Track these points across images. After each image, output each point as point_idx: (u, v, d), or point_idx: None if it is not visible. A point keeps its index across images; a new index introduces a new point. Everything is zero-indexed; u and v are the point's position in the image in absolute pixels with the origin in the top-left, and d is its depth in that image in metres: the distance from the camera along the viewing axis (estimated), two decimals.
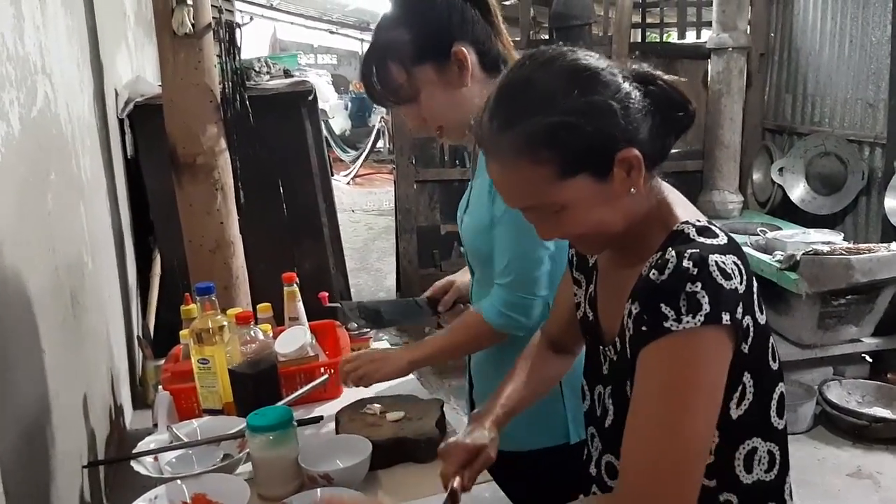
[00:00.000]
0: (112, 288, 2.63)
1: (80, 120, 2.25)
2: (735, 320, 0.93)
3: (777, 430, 1.06)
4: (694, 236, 0.99)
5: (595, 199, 1.00)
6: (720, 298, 0.92)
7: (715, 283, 0.92)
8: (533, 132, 0.97)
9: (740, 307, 0.94)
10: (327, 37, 17.32)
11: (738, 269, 0.96)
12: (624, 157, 0.98)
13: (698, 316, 0.91)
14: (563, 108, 0.97)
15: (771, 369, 1.03)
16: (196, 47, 2.49)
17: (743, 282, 0.95)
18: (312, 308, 2.07)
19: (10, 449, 1.19)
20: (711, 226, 1.02)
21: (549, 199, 1.00)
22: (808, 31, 4.91)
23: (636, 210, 1.03)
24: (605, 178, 0.99)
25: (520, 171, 1.00)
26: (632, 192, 1.00)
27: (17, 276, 1.37)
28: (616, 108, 0.97)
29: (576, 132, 0.96)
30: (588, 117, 0.97)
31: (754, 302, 0.99)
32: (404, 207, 5.30)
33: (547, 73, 1.00)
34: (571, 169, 0.98)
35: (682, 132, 1.06)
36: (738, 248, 1.00)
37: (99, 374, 2.14)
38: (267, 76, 3.43)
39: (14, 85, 1.49)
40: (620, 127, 0.98)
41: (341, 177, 11.32)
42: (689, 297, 0.92)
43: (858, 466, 3.30)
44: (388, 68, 1.45)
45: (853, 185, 4.46)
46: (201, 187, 2.58)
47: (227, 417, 1.68)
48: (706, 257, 0.93)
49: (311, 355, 1.90)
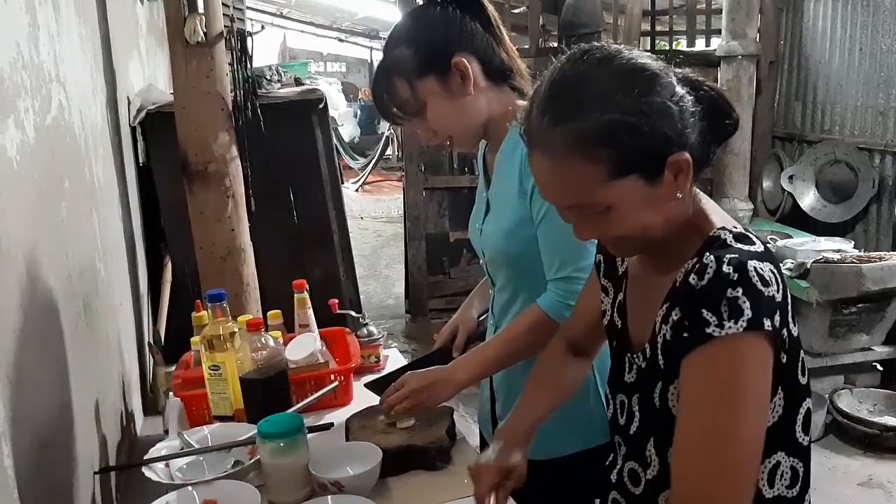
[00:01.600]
0: (124, 295, 2.64)
1: (93, 128, 2.26)
2: (775, 327, 0.92)
3: (802, 445, 1.04)
4: (731, 242, 0.98)
5: (642, 201, 0.99)
6: (761, 304, 0.91)
7: (755, 288, 0.91)
8: (590, 129, 0.96)
9: (778, 315, 0.93)
10: (336, 45, 17.38)
11: (776, 277, 0.95)
12: (675, 160, 0.97)
13: (740, 321, 0.90)
14: (623, 108, 0.95)
15: (800, 383, 1.02)
16: (208, 55, 2.50)
17: (780, 290, 0.95)
18: (322, 315, 2.08)
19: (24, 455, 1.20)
20: (748, 233, 1.01)
21: (596, 198, 0.99)
22: (817, 38, 4.90)
23: (678, 215, 1.02)
24: (655, 180, 0.98)
25: (570, 167, 0.98)
26: (678, 196, 0.99)
27: (32, 283, 1.38)
28: (674, 109, 0.97)
29: (634, 132, 0.95)
30: (647, 117, 0.95)
31: (789, 313, 0.97)
32: (413, 215, 5.31)
33: (605, 70, 0.98)
34: (624, 169, 0.96)
35: (725, 139, 1.05)
36: (773, 256, 0.99)
37: (111, 381, 2.15)
38: (278, 84, 3.45)
39: (29, 93, 1.50)
40: (676, 129, 0.97)
41: (350, 184, 11.34)
42: (730, 303, 0.91)
43: (870, 476, 3.28)
44: (394, 84, 1.50)
45: (864, 193, 4.45)
46: (213, 194, 2.60)
47: (237, 424, 1.68)
48: (745, 262, 0.92)
49: (322, 362, 1.90)
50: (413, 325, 5.36)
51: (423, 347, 4.72)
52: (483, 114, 1.52)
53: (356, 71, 18.72)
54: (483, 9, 1.52)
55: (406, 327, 5.43)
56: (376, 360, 2.10)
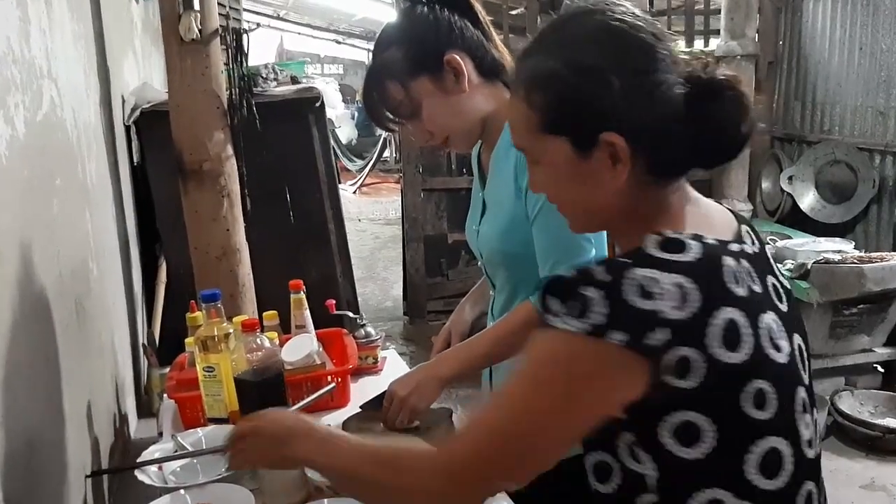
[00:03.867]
0: (117, 295, 2.61)
1: (86, 125, 2.23)
2: (643, 344, 0.82)
3: (759, 489, 0.89)
4: (649, 248, 0.89)
5: (569, 170, 0.95)
6: (621, 315, 0.82)
7: (621, 297, 0.83)
8: (534, 71, 0.95)
9: (661, 333, 0.82)
10: (334, 46, 17.37)
11: (683, 292, 0.84)
12: (609, 140, 0.91)
13: (584, 322, 0.83)
14: (567, 59, 0.92)
15: (748, 417, 0.88)
16: (203, 53, 2.48)
17: (686, 308, 0.83)
18: (319, 316, 2.05)
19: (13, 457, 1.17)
20: (690, 240, 0.89)
21: (528, 145, 0.98)
22: (816, 38, 4.89)
23: (608, 204, 0.96)
24: (585, 154, 0.93)
25: (516, 105, 0.98)
26: (609, 184, 0.93)
27: (22, 282, 1.35)
28: (615, 84, 0.90)
29: (566, 87, 0.92)
30: (581, 78, 0.91)
31: (709, 335, 0.85)
32: (411, 216, 5.28)
33: (584, 20, 0.95)
34: (554, 125, 0.94)
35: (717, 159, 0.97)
36: (708, 271, 0.87)
37: (103, 383, 2.12)
38: (274, 83, 3.42)
39: (19, 88, 1.47)
40: (615, 107, 0.90)
41: (348, 186, 11.33)
42: (580, 299, 0.84)
43: (872, 478, 3.26)
44: (386, 88, 1.48)
45: (864, 193, 4.43)
46: (207, 194, 2.57)
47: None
48: (628, 268, 0.85)
49: (318, 364, 1.88)
50: (411, 328, 5.34)
51: (422, 349, 4.70)
52: (479, 111, 1.50)
53: (353, 73, 18.71)
54: (470, 6, 1.51)
55: (404, 329, 5.41)
56: (374, 362, 2.08)
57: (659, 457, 0.89)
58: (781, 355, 0.91)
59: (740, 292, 0.88)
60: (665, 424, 0.87)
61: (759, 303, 0.91)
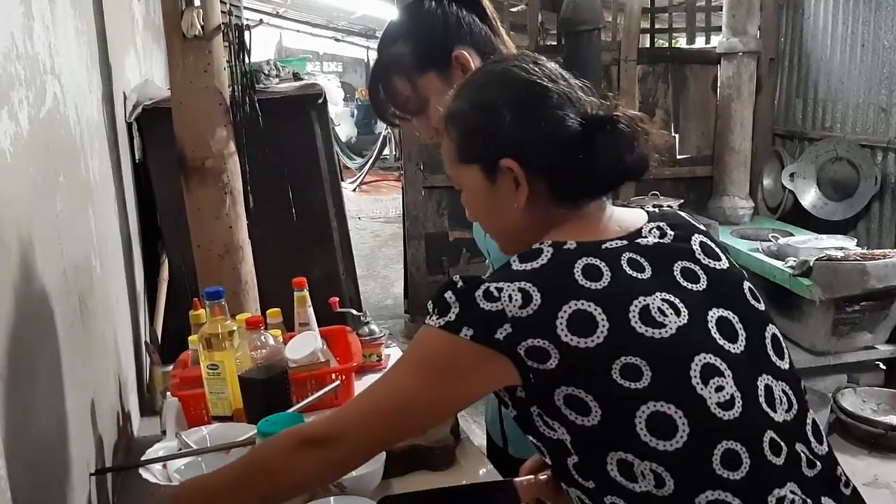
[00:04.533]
0: (120, 292, 2.60)
1: (88, 122, 2.22)
2: (490, 338, 0.99)
3: (657, 450, 0.98)
4: (512, 261, 1.06)
5: (481, 194, 1.13)
6: (467, 315, 1.00)
7: (471, 300, 1.01)
8: (450, 111, 1.15)
9: (505, 329, 0.99)
10: (333, 44, 17.35)
11: (525, 295, 1.00)
12: (506, 165, 1.08)
13: (442, 319, 1.02)
14: (470, 99, 1.13)
15: (623, 388, 0.98)
16: (205, 49, 2.46)
17: (529, 307, 0.99)
18: (322, 314, 2.05)
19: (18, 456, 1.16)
20: (547, 248, 1.06)
21: (454, 174, 1.17)
22: (818, 35, 4.88)
23: (514, 224, 1.12)
24: (492, 178, 1.10)
25: (445, 141, 1.16)
26: (514, 205, 1.10)
27: (28, 279, 1.34)
28: (507, 116, 1.08)
29: (469, 121, 1.12)
30: (481, 113, 1.11)
31: (558, 326, 0.99)
32: (412, 214, 5.27)
33: (489, 67, 1.20)
34: (466, 155, 1.13)
35: (605, 185, 1.12)
36: (554, 274, 1.03)
37: (107, 381, 2.11)
38: (276, 79, 3.40)
39: (23, 84, 1.46)
40: (510, 138, 1.08)
41: (348, 184, 11.31)
42: (442, 303, 1.02)
43: (875, 476, 3.26)
44: (393, 83, 1.47)
45: (866, 190, 4.43)
46: (210, 191, 2.55)
47: (236, 424, 1.65)
48: (478, 279, 1.03)
49: (323, 361, 1.87)
50: (412, 325, 5.33)
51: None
52: None
53: (353, 70, 18.69)
54: (478, 1, 1.50)
55: (405, 327, 5.40)
56: (378, 359, 2.07)
57: (564, 423, 1.01)
58: (665, 330, 1.00)
59: (596, 286, 1.01)
60: (557, 397, 1.00)
61: (639, 288, 1.03)
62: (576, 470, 1.03)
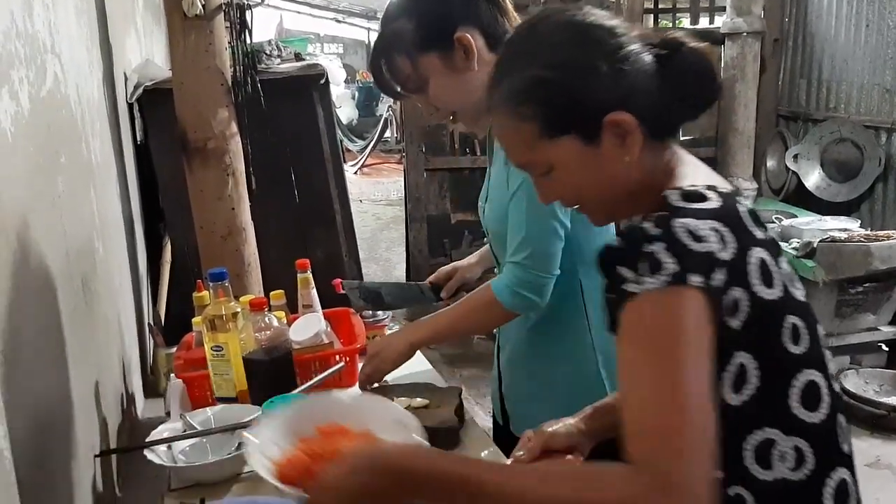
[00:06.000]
0: (123, 274, 2.60)
1: (89, 102, 2.21)
2: (710, 286, 0.85)
3: (804, 423, 0.92)
4: (675, 201, 0.92)
5: (583, 163, 0.97)
6: (686, 259, 0.85)
7: (679, 242, 0.85)
8: (515, 86, 0.97)
9: (720, 273, 0.86)
10: (334, 26, 17.24)
11: (720, 235, 0.87)
12: (613, 120, 0.94)
13: (659, 275, 0.84)
14: (544, 62, 0.96)
15: (788, 352, 0.92)
16: (206, 29, 2.44)
17: (728, 249, 0.87)
18: (325, 296, 2.04)
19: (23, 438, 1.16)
20: (707, 191, 0.94)
21: (536, 157, 0.99)
22: (823, 15, 4.84)
23: (629, 179, 0.98)
24: (594, 141, 0.96)
25: (509, 125, 0.99)
26: (626, 160, 0.95)
27: (29, 260, 1.34)
28: (603, 67, 0.94)
29: (554, 88, 0.95)
30: (569, 73, 0.95)
31: (750, 273, 0.89)
32: (414, 196, 5.25)
33: (544, 26, 1.00)
34: (555, 128, 0.96)
35: (698, 106, 1.01)
36: (732, 215, 0.92)
37: (111, 363, 2.11)
38: (278, 59, 3.38)
39: (23, 63, 1.45)
40: (609, 88, 0.94)
41: (349, 167, 11.26)
42: (647, 257, 0.86)
43: (877, 456, 3.26)
44: (394, 61, 1.45)
45: (869, 171, 4.40)
46: (212, 172, 2.54)
47: (241, 406, 1.64)
48: (671, 218, 0.88)
49: (326, 343, 1.86)
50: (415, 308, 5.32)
51: None
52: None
53: (353, 52, 18.58)
54: None
55: (408, 311, 5.39)
56: None
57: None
58: (800, 293, 0.95)
59: (760, 234, 0.93)
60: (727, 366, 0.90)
61: (774, 245, 0.96)
62: None
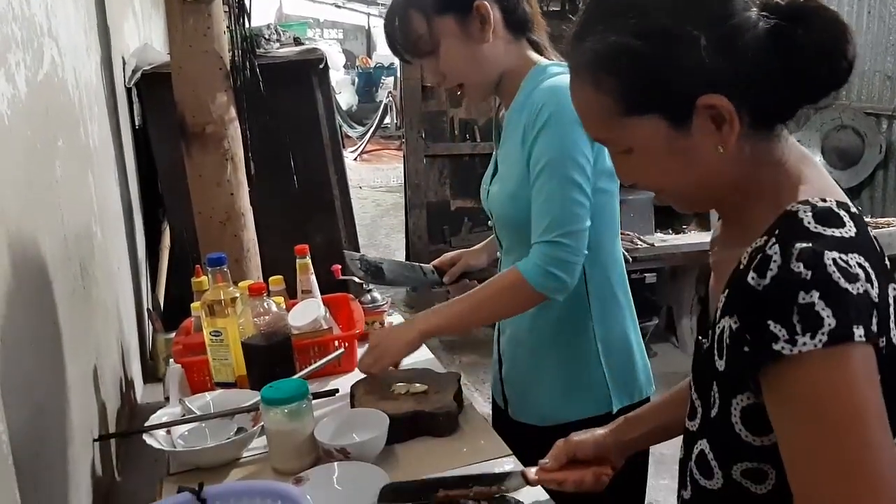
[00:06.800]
0: (121, 259, 2.59)
1: (87, 86, 2.20)
2: (871, 334, 0.73)
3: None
4: (809, 224, 0.77)
5: (667, 149, 0.84)
6: (846, 309, 0.71)
7: (836, 287, 0.72)
8: (597, 52, 0.83)
9: (875, 317, 0.73)
10: (334, 11, 17.18)
11: (867, 273, 0.74)
12: (708, 103, 0.80)
13: (819, 335, 0.71)
14: (634, 29, 0.81)
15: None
16: (205, 13, 2.42)
17: (874, 289, 0.74)
18: (324, 281, 2.03)
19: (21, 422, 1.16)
20: (839, 210, 0.79)
21: (614, 135, 0.87)
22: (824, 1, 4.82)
23: (723, 173, 0.85)
24: (684, 126, 0.82)
25: (586, 94, 0.86)
26: (719, 150, 0.82)
27: (27, 244, 1.33)
28: (704, 40, 0.79)
29: (641, 62, 0.81)
30: (662, 46, 0.80)
31: (893, 317, 0.76)
32: (414, 183, 5.24)
33: None
34: (638, 105, 0.83)
35: (823, 90, 0.84)
36: (868, 243, 0.78)
37: (109, 347, 2.11)
38: (277, 44, 3.36)
39: (20, 46, 1.44)
40: (708, 66, 0.79)
41: (348, 153, 11.25)
42: (803, 311, 0.72)
43: None
44: (409, 17, 1.43)
45: (870, 158, 4.40)
46: (211, 157, 2.53)
47: (240, 391, 1.64)
48: (821, 255, 0.73)
49: (326, 328, 1.86)
50: (414, 295, 5.33)
51: None
52: (498, 65, 1.46)
53: (353, 38, 18.52)
54: None
55: (407, 296, 5.40)
56: (381, 327, 2.06)
57: None
58: None
59: (888, 266, 0.80)
60: None
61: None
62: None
